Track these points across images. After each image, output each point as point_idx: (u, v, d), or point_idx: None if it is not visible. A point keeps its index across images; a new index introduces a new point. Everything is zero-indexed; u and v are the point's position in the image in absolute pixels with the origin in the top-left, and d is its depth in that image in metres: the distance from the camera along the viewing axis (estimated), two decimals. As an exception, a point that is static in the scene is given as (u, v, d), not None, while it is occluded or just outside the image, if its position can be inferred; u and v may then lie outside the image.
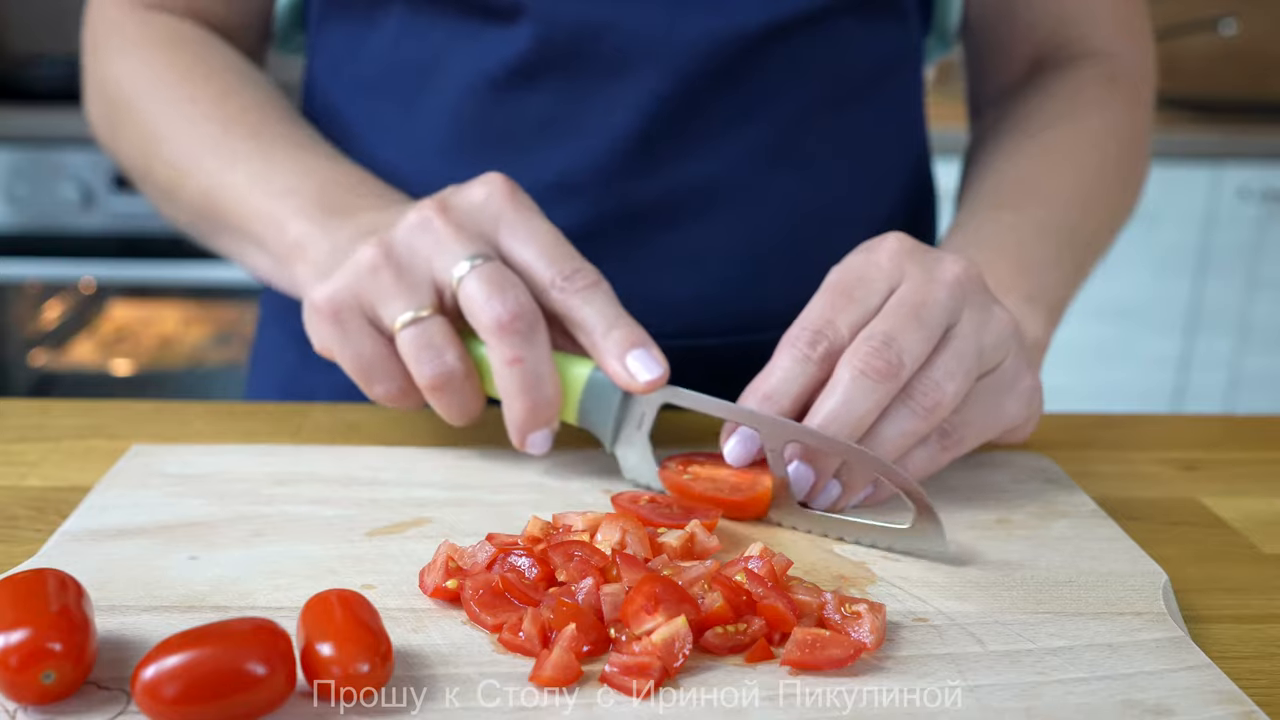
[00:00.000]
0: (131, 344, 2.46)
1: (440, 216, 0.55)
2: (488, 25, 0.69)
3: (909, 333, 0.53)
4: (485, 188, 0.57)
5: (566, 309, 0.55)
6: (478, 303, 0.53)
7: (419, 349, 0.54)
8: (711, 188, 0.71)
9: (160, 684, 0.37)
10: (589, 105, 0.69)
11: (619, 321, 0.55)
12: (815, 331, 0.54)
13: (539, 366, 0.54)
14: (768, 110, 0.71)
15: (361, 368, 0.56)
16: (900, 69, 0.78)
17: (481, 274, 0.54)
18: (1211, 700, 0.41)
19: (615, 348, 0.54)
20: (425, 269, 0.55)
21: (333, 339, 0.56)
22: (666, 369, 0.55)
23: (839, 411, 0.52)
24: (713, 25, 0.68)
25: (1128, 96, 0.79)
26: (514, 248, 0.56)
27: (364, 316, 0.55)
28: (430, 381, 0.54)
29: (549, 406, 0.55)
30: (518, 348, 0.53)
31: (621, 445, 0.57)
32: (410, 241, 0.55)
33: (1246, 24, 2.70)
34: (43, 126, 2.11)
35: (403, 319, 0.54)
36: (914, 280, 0.55)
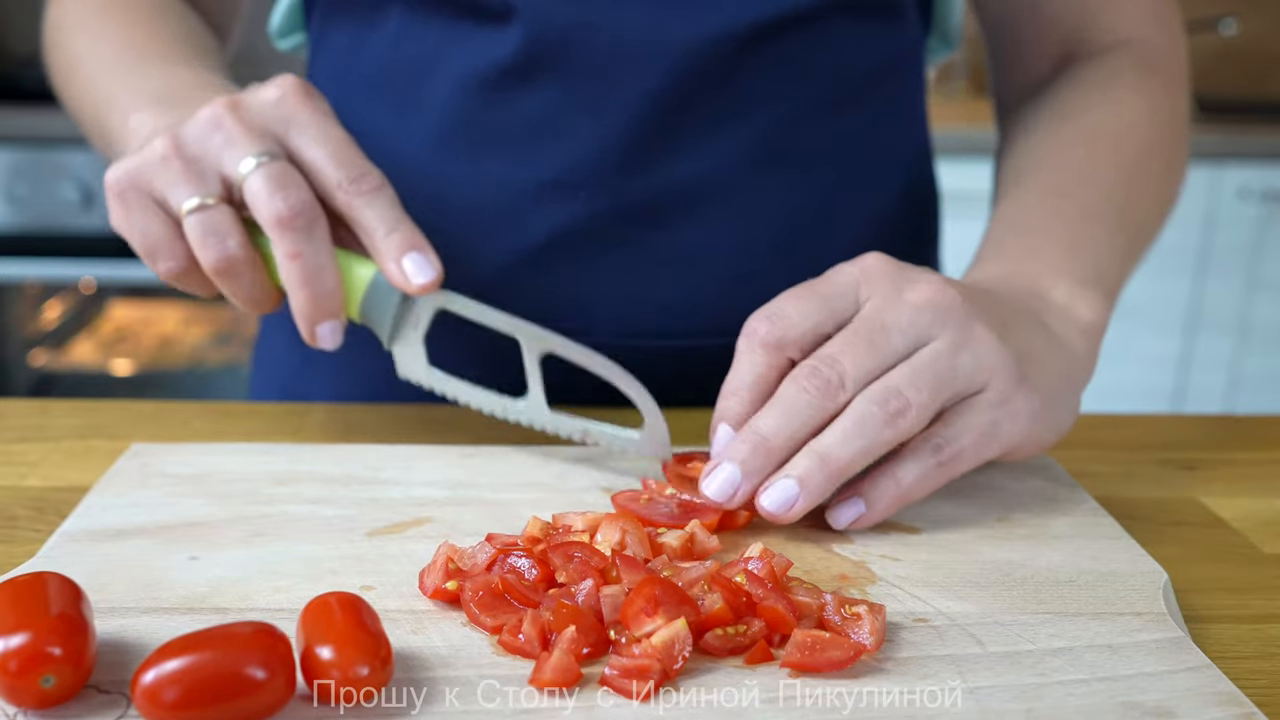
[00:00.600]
0: (131, 344, 2.46)
1: (232, 114, 0.57)
2: (481, 26, 0.70)
3: (856, 353, 0.53)
4: (279, 89, 0.58)
5: (350, 210, 0.56)
6: (261, 199, 0.55)
7: (204, 234, 0.56)
8: (704, 187, 0.71)
9: (160, 688, 0.37)
10: (581, 105, 0.70)
11: (399, 225, 0.56)
12: (767, 318, 0.55)
13: (318, 259, 0.55)
14: (760, 110, 0.71)
15: (147, 245, 0.58)
16: (898, 70, 0.78)
17: (266, 171, 0.55)
18: (1211, 701, 0.41)
19: (393, 250, 0.56)
20: (214, 163, 0.56)
21: (120, 216, 0.58)
22: (439, 272, 0.57)
23: (774, 424, 0.53)
24: (702, 25, 0.68)
25: (1164, 82, 0.77)
26: (303, 148, 0.57)
27: (150, 197, 0.57)
28: (214, 265, 0.56)
29: (330, 298, 0.56)
30: (298, 243, 0.55)
31: (398, 344, 0.60)
32: (200, 136, 0.57)
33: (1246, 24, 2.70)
34: (43, 126, 2.11)
35: (189, 204, 0.56)
36: (877, 301, 0.55)
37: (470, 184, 0.72)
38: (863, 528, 0.54)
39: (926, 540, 0.53)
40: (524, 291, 0.72)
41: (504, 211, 0.71)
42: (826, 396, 0.53)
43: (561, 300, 0.72)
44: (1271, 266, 2.37)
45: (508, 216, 0.71)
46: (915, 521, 0.55)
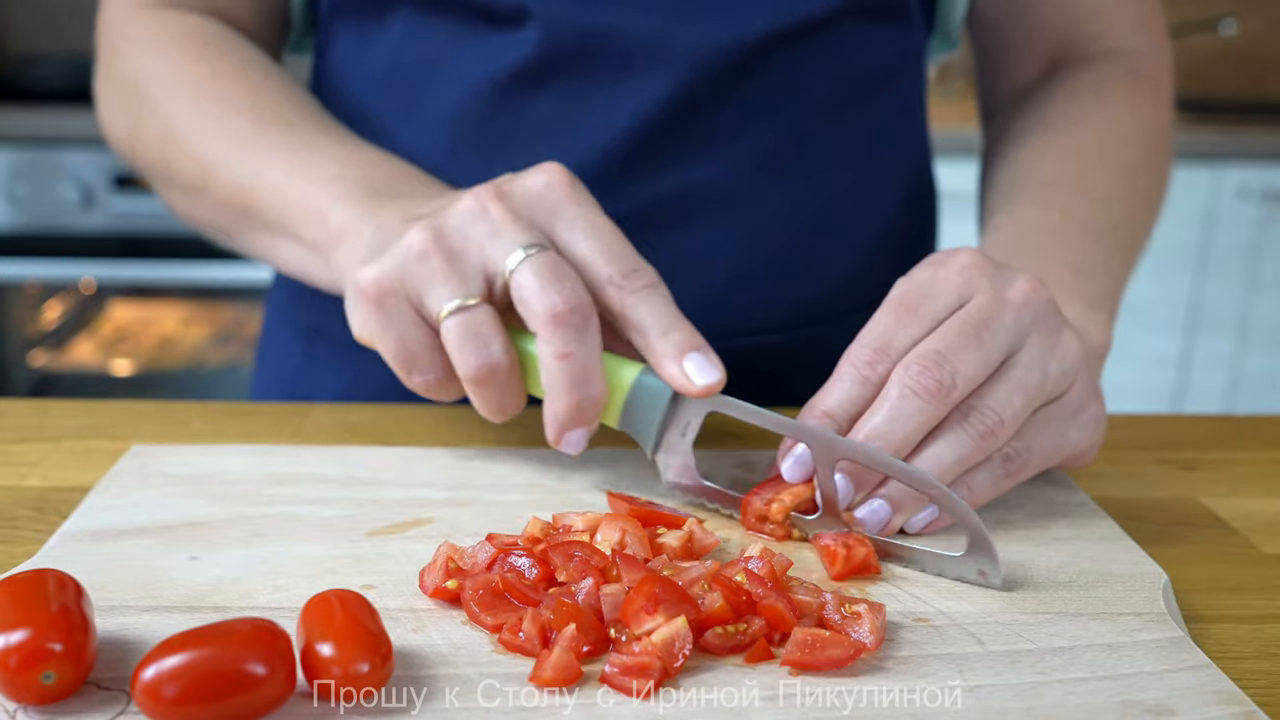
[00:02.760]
0: (131, 344, 2.46)
1: (496, 204, 0.53)
2: (493, 29, 0.70)
3: (966, 352, 0.51)
4: (544, 176, 0.55)
5: (622, 308, 0.53)
6: (532, 292, 0.51)
7: (464, 338, 0.52)
8: (714, 191, 0.71)
9: (160, 684, 0.37)
10: (592, 108, 0.70)
11: (676, 324, 0.53)
12: (875, 350, 0.52)
13: (589, 362, 0.52)
14: (770, 115, 0.71)
15: (403, 355, 0.54)
16: (903, 71, 0.78)
17: (537, 263, 0.51)
18: (1211, 700, 0.41)
19: (673, 349, 0.52)
20: (477, 256, 0.53)
21: (375, 324, 0.54)
22: (723, 374, 0.53)
23: (883, 428, 0.51)
24: (715, 32, 0.68)
25: (1152, 94, 0.77)
26: (572, 240, 0.54)
27: (409, 302, 0.53)
28: (474, 373, 0.52)
29: (594, 405, 0.52)
30: (571, 342, 0.51)
31: (664, 452, 0.55)
32: (463, 227, 0.53)
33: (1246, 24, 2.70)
34: (43, 126, 2.11)
35: (449, 306, 0.52)
36: (981, 298, 0.53)
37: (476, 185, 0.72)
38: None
39: (926, 540, 0.53)
40: None
41: None
42: (939, 399, 0.51)
43: None
44: (1271, 266, 2.37)
45: None
46: (915, 521, 0.55)
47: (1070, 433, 0.55)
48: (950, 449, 0.51)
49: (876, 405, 0.51)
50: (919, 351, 0.51)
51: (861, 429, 0.51)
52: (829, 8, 0.70)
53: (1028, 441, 0.54)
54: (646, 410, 0.54)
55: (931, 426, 0.51)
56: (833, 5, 0.70)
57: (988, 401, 0.52)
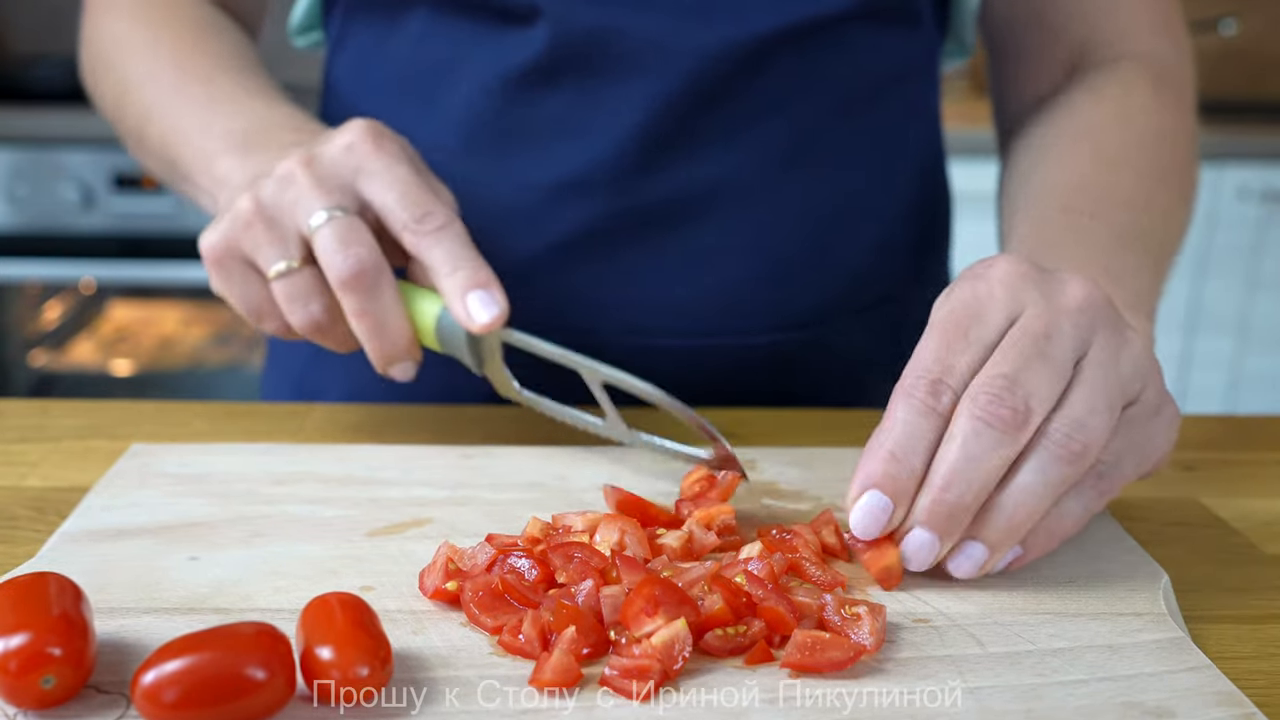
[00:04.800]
0: (131, 344, 2.46)
1: (303, 169, 0.57)
2: (506, 28, 0.70)
3: (1035, 372, 0.47)
4: (348, 135, 0.59)
5: (417, 251, 0.57)
6: (326, 258, 0.56)
7: (288, 300, 0.57)
8: (722, 189, 0.72)
9: (160, 688, 0.37)
10: (602, 106, 0.70)
11: (462, 263, 0.56)
12: (935, 381, 0.48)
13: (383, 316, 0.56)
14: (779, 114, 0.71)
15: (249, 309, 0.59)
16: (914, 74, 0.78)
17: (332, 229, 0.56)
18: (1211, 702, 0.41)
19: (456, 288, 0.56)
20: (290, 222, 0.57)
21: (220, 283, 0.59)
22: (503, 309, 0.56)
23: (962, 468, 0.46)
24: (724, 31, 0.68)
25: (1175, 100, 0.75)
26: (374, 193, 0.58)
27: (245, 263, 0.58)
28: (302, 328, 0.58)
29: (397, 348, 0.58)
30: (362, 302, 0.56)
31: (488, 370, 0.60)
32: (276, 195, 0.57)
33: (1246, 24, 2.70)
34: (43, 126, 2.11)
35: (275, 270, 0.57)
36: (1035, 309, 0.49)
37: (491, 183, 0.72)
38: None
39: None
40: (542, 289, 0.72)
41: (524, 210, 0.72)
42: (1017, 428, 0.46)
43: (579, 298, 0.72)
44: (1271, 266, 2.37)
45: (527, 215, 0.72)
46: (915, 522, 0.55)
47: (1156, 435, 0.51)
48: (1039, 478, 0.47)
49: (948, 441, 0.47)
50: (983, 379, 0.47)
51: (937, 471, 0.47)
52: (837, 8, 0.70)
53: (1116, 452, 0.49)
54: (454, 341, 0.59)
55: (1012, 459, 0.47)
56: (840, 6, 0.70)
57: (1071, 415, 0.47)
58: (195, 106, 0.68)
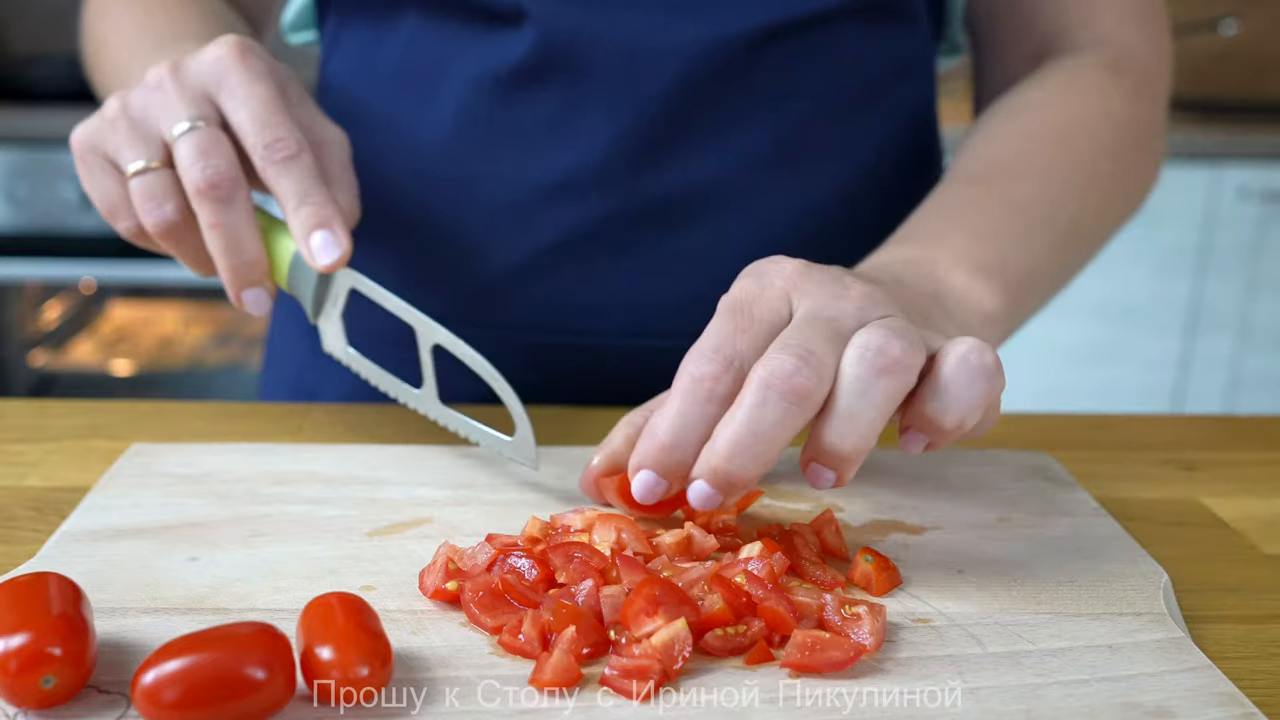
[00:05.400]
0: (131, 344, 2.46)
1: (171, 76, 0.58)
2: (493, 29, 0.70)
3: (822, 347, 0.47)
4: (218, 49, 0.59)
5: (265, 177, 0.57)
6: (184, 166, 0.56)
7: (143, 198, 0.57)
8: (713, 188, 0.72)
9: (160, 688, 0.37)
10: (591, 107, 0.70)
11: (308, 199, 0.56)
12: (717, 367, 0.48)
13: (237, 230, 0.56)
14: (768, 113, 0.71)
15: (106, 205, 0.59)
16: (908, 73, 0.78)
17: (192, 138, 0.56)
18: (1211, 702, 0.41)
19: (300, 226, 0.56)
20: (154, 125, 0.57)
21: (83, 176, 0.59)
22: (345, 250, 0.56)
23: (748, 442, 0.45)
24: (712, 28, 0.68)
25: (1132, 87, 0.74)
26: (231, 109, 0.57)
27: (106, 160, 0.59)
28: (153, 229, 0.57)
29: (249, 268, 0.57)
30: (217, 213, 0.56)
31: (322, 319, 0.60)
32: (145, 98, 0.58)
33: (1246, 24, 2.70)
34: (43, 126, 2.11)
35: (132, 167, 0.57)
36: (813, 299, 0.49)
37: (482, 184, 0.72)
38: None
39: (927, 541, 0.53)
40: (533, 291, 0.72)
41: (515, 211, 0.72)
42: (805, 398, 0.46)
43: (570, 299, 0.72)
44: (1271, 266, 2.37)
45: (519, 216, 0.72)
46: (916, 522, 0.55)
47: None
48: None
49: (731, 417, 0.46)
50: (778, 352, 0.47)
51: (719, 441, 0.46)
52: (828, 5, 0.70)
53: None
54: (303, 280, 0.58)
55: (796, 431, 0.46)
56: (832, 2, 0.70)
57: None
58: (143, 57, 0.69)
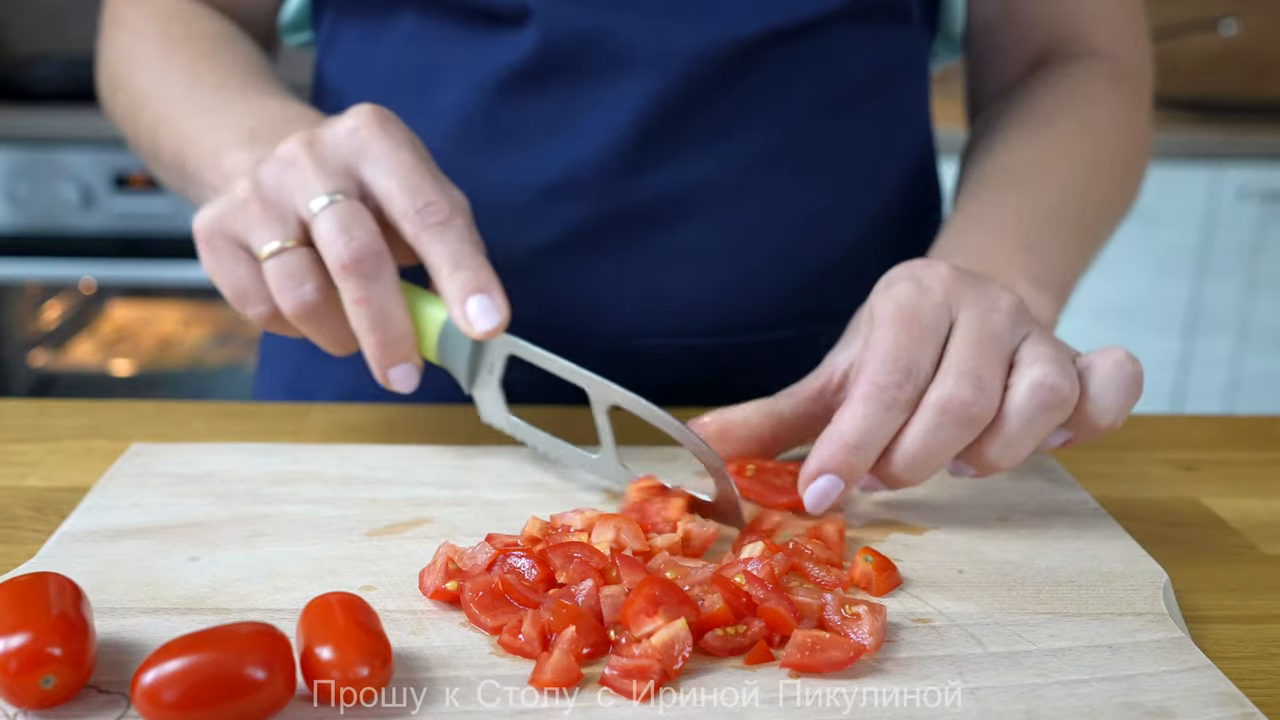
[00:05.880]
0: (131, 344, 2.46)
1: (306, 151, 0.56)
2: (495, 30, 0.70)
3: (990, 367, 0.51)
4: (352, 120, 0.57)
5: (416, 244, 0.55)
6: (326, 241, 0.54)
7: (280, 279, 0.55)
8: (711, 189, 0.72)
9: (160, 688, 0.37)
10: (590, 106, 0.70)
11: (464, 264, 0.55)
12: (902, 374, 0.51)
13: (385, 305, 0.54)
14: (766, 114, 0.71)
15: (235, 291, 0.57)
16: (903, 74, 0.78)
17: (332, 213, 0.54)
18: (1211, 701, 0.41)
19: (457, 292, 0.55)
20: (290, 203, 0.56)
21: (210, 263, 0.58)
22: (504, 317, 0.55)
23: (922, 458, 0.52)
24: (711, 31, 0.69)
25: (1129, 96, 0.79)
26: (375, 179, 0.56)
27: (236, 244, 0.57)
28: (292, 310, 0.55)
29: (398, 343, 0.55)
30: (362, 288, 0.54)
31: (478, 388, 0.58)
32: (278, 175, 0.56)
33: (1246, 24, 2.70)
34: (43, 126, 2.11)
35: (268, 249, 0.55)
36: (972, 309, 0.53)
37: (479, 184, 0.72)
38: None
39: (927, 541, 0.53)
40: (530, 290, 0.72)
41: (511, 211, 0.72)
42: (977, 422, 0.51)
43: (567, 299, 0.72)
44: (1271, 266, 2.37)
45: (515, 216, 0.72)
46: (916, 522, 0.55)
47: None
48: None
49: (911, 432, 0.52)
50: (954, 378, 0.51)
51: (898, 455, 0.52)
52: (826, 8, 0.70)
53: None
54: (456, 348, 0.57)
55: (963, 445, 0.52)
56: (828, 6, 0.70)
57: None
58: (205, 110, 0.67)
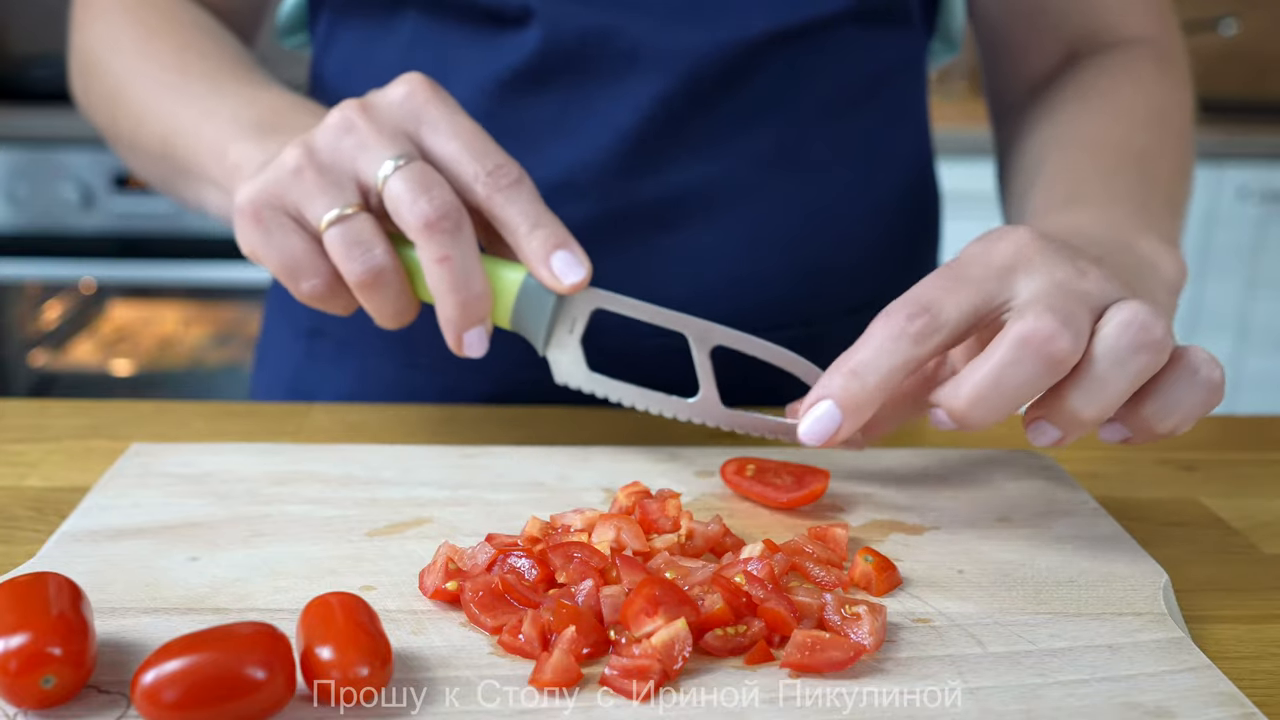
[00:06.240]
0: (131, 344, 2.46)
1: (362, 116, 0.55)
2: (498, 31, 0.70)
3: (1078, 309, 0.47)
4: (405, 86, 0.56)
5: (490, 206, 0.54)
6: (404, 203, 0.53)
7: (347, 245, 0.53)
8: (713, 190, 0.72)
9: (160, 688, 0.37)
10: (593, 107, 0.70)
11: (541, 220, 0.54)
12: (918, 308, 0.49)
13: (467, 263, 0.53)
14: (769, 115, 0.72)
15: (287, 266, 0.55)
16: (903, 74, 0.78)
17: (406, 174, 0.53)
18: (1211, 702, 0.41)
19: (540, 249, 0.54)
20: (349, 169, 0.54)
21: (257, 239, 0.55)
22: (589, 269, 0.54)
23: (987, 392, 0.47)
24: (715, 33, 0.69)
25: (1177, 77, 0.78)
26: (436, 143, 0.55)
27: (287, 215, 0.55)
28: (361, 278, 0.54)
29: (479, 302, 0.54)
30: (446, 246, 0.53)
31: (554, 349, 0.57)
32: (333, 142, 0.55)
33: (1246, 24, 2.70)
34: (43, 126, 2.11)
35: (329, 216, 0.54)
36: (1059, 273, 0.49)
37: None
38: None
39: (927, 540, 0.53)
40: None
41: None
42: (1059, 364, 0.47)
43: None
44: (1271, 266, 2.37)
45: None
46: (916, 522, 0.55)
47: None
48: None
49: (985, 360, 0.48)
50: (1043, 306, 0.47)
51: (966, 383, 0.48)
52: (828, 11, 0.70)
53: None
54: (535, 310, 0.56)
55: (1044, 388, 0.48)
56: (832, 8, 0.70)
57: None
58: (198, 100, 0.66)
